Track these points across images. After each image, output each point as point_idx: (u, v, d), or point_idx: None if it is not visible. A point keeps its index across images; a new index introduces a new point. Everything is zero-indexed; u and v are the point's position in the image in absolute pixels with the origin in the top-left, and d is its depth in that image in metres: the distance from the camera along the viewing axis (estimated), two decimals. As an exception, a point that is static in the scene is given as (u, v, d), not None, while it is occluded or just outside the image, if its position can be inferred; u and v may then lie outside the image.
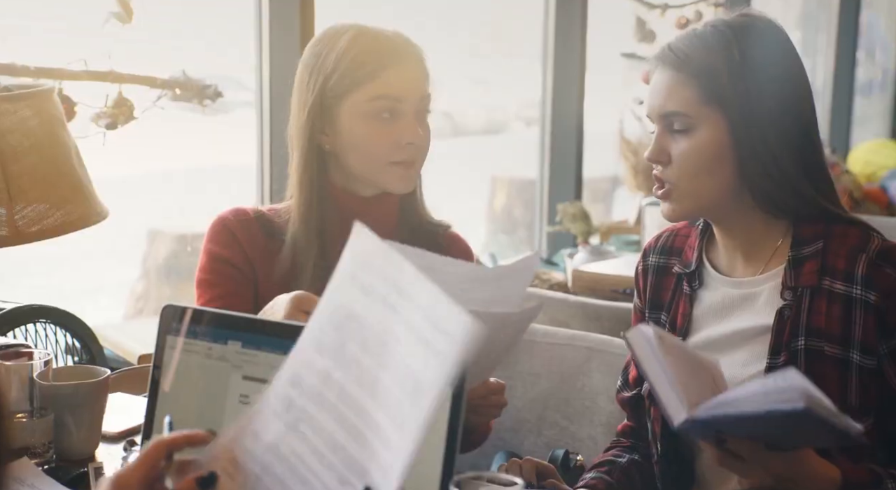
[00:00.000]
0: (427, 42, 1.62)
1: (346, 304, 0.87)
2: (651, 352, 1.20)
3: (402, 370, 0.82)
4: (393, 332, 0.83)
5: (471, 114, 9.19)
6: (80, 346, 2.11)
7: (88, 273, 5.13)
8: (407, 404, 0.81)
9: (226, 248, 1.59)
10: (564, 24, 3.69)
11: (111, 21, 2.15)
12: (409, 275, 0.84)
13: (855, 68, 6.13)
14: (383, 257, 0.86)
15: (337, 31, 1.57)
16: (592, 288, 2.84)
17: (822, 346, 1.33)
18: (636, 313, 1.56)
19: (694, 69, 1.35)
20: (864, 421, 1.32)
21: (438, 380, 0.79)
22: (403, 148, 1.55)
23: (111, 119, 2.17)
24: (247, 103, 2.77)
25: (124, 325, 3.39)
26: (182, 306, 1.20)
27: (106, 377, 1.50)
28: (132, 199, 5.12)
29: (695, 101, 1.35)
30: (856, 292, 1.33)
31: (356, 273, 0.88)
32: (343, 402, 0.86)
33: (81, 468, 1.42)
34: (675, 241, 1.52)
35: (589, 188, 4.60)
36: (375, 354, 0.84)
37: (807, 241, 1.38)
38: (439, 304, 0.80)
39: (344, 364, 0.86)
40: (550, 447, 1.77)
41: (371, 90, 1.53)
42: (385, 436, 0.82)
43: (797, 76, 1.39)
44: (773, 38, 1.39)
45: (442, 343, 0.79)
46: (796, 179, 1.35)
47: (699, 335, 1.44)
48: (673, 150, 1.37)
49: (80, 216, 1.81)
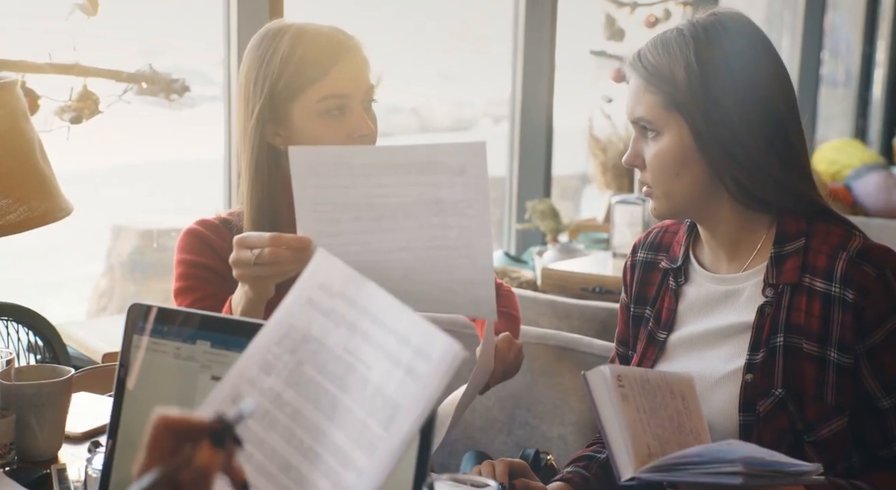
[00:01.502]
0: (394, 38, 1.63)
1: (301, 327, 0.88)
2: (608, 396, 1.24)
3: (371, 395, 0.82)
4: (361, 357, 0.84)
5: (438, 110, 9.18)
6: (42, 345, 2.07)
7: (52, 269, 5.06)
8: (377, 428, 0.80)
9: (200, 255, 1.61)
10: (534, 22, 3.69)
11: (76, 13, 2.11)
12: (383, 301, 0.84)
13: (820, 68, 6.19)
14: (352, 284, 0.87)
15: (276, 33, 1.59)
16: (562, 286, 2.84)
17: (801, 343, 1.34)
18: (622, 309, 1.57)
19: (655, 77, 1.38)
20: (838, 419, 1.33)
21: (419, 403, 0.79)
22: (356, 140, 1.59)
23: (76, 113, 2.13)
24: (213, 98, 2.75)
25: (88, 323, 3.34)
26: (149, 305, 1.18)
27: (69, 377, 1.48)
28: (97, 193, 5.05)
29: (658, 106, 1.37)
30: (834, 290, 1.33)
31: (314, 297, 0.88)
32: (296, 422, 0.85)
33: (44, 470, 1.40)
34: (663, 238, 1.54)
35: (558, 186, 4.60)
36: (335, 377, 0.84)
37: (789, 237, 1.39)
38: (418, 328, 0.81)
39: (297, 385, 0.86)
40: (521, 446, 1.76)
41: (319, 91, 1.56)
42: (345, 457, 0.82)
43: (766, 69, 1.39)
44: (739, 36, 1.39)
45: (422, 366, 0.80)
46: (773, 170, 1.36)
47: (682, 330, 1.46)
48: (646, 153, 1.40)
49: (44, 212, 1.77)
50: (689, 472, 1.16)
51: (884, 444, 1.34)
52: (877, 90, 7.27)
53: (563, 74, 3.81)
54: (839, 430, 1.33)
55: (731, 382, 1.37)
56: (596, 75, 4.05)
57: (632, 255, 1.57)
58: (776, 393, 1.33)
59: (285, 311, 0.90)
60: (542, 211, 3.43)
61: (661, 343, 1.47)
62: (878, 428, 1.34)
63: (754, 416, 1.34)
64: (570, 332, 2.01)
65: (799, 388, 1.33)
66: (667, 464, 1.18)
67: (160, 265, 3.59)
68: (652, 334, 1.48)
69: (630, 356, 1.54)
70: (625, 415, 1.23)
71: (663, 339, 1.47)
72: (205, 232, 1.63)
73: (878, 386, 1.33)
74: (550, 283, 2.88)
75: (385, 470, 0.80)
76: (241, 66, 1.63)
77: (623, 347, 1.57)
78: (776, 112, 1.37)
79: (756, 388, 1.34)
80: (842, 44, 7.03)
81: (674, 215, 1.46)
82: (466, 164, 1.19)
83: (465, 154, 1.19)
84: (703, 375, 1.39)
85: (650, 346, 1.48)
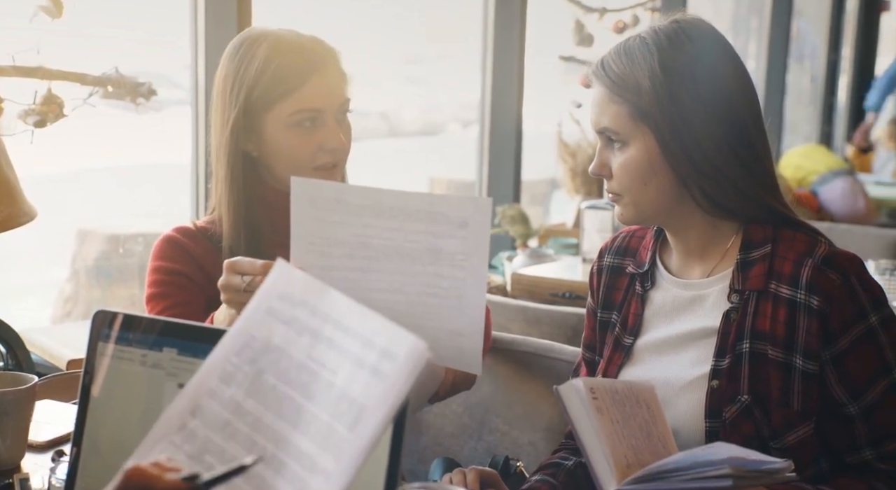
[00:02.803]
0: (364, 43, 1.63)
1: (261, 337, 0.89)
2: (584, 410, 1.24)
3: (336, 398, 0.82)
4: (326, 363, 0.84)
5: (407, 115, 9.18)
6: (5, 351, 2.04)
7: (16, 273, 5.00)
8: (342, 430, 0.81)
9: (176, 262, 1.60)
10: (503, 26, 3.69)
11: (39, 16, 2.08)
12: (346, 307, 0.85)
13: (786, 74, 6.25)
14: (314, 292, 0.88)
15: (254, 41, 1.58)
16: (531, 291, 2.84)
17: (766, 350, 1.34)
18: (588, 314, 1.57)
19: (619, 88, 1.37)
20: (804, 426, 1.33)
21: (385, 402, 0.80)
22: (327, 153, 1.59)
23: (40, 116, 2.10)
24: (180, 101, 2.72)
25: (52, 329, 3.30)
26: (114, 311, 1.17)
27: (33, 384, 1.45)
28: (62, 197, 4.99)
29: (624, 117, 1.37)
30: (800, 297, 1.33)
31: (274, 307, 0.89)
32: (257, 431, 0.85)
33: (6, 479, 1.37)
34: (630, 242, 1.54)
35: (528, 190, 4.61)
36: (299, 384, 0.85)
37: (755, 244, 1.38)
38: (383, 330, 0.82)
39: (258, 394, 0.86)
40: (491, 453, 1.75)
41: (292, 104, 1.56)
42: (311, 462, 0.82)
43: (730, 77, 1.39)
44: (702, 43, 1.38)
45: (388, 366, 0.80)
46: (737, 178, 1.36)
47: (648, 335, 1.45)
48: (612, 163, 1.39)
49: (7, 217, 1.75)
50: (676, 478, 1.15)
51: (851, 450, 1.35)
52: (842, 96, 7.36)
53: (533, 79, 3.82)
54: (805, 437, 1.33)
55: (696, 388, 1.37)
56: (565, 80, 4.06)
57: (598, 260, 1.56)
58: (742, 399, 1.34)
59: (245, 322, 0.90)
60: (511, 216, 3.43)
61: (627, 348, 1.46)
62: (846, 434, 1.34)
63: (720, 423, 1.34)
64: (541, 337, 2.00)
65: (764, 394, 1.33)
66: (650, 473, 1.18)
67: (126, 270, 3.56)
68: (618, 339, 1.48)
69: (596, 361, 1.54)
70: (602, 428, 1.23)
71: (630, 344, 1.46)
72: (182, 239, 1.62)
73: (844, 392, 1.33)
74: (520, 288, 2.88)
75: (352, 471, 0.80)
76: (218, 72, 1.62)
77: (589, 353, 1.56)
78: (740, 120, 1.37)
79: (722, 394, 1.34)
80: (807, 50, 7.11)
81: (641, 222, 1.45)
82: (469, 218, 1.19)
83: (469, 208, 1.19)
84: (669, 381, 1.39)
85: (616, 351, 1.48)
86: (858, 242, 2.92)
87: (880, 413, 1.33)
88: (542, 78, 4.25)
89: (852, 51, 7.49)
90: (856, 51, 7.52)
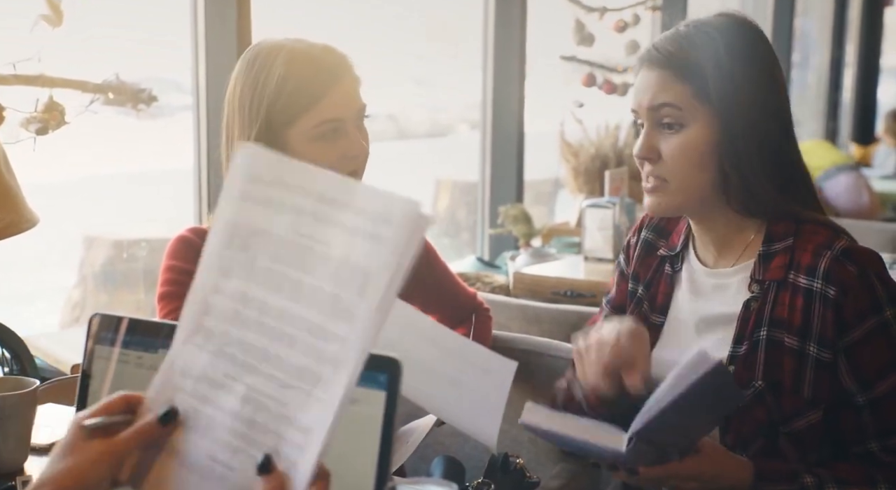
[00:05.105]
0: (371, 44, 1.64)
1: (245, 223, 0.88)
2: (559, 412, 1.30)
3: (335, 269, 0.83)
4: (316, 236, 0.84)
5: (415, 117, 9.18)
6: (10, 357, 2.06)
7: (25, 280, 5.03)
8: (350, 297, 0.82)
9: (189, 262, 1.61)
10: (504, 27, 3.70)
11: (40, 24, 2.09)
12: (327, 179, 0.85)
13: (790, 71, 6.24)
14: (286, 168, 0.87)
15: (269, 55, 1.59)
16: (533, 290, 2.85)
17: (783, 337, 1.36)
18: (621, 276, 1.59)
19: (682, 68, 1.37)
20: (813, 412, 1.36)
21: (389, 265, 0.80)
22: (349, 160, 1.61)
23: (42, 124, 2.12)
24: (189, 107, 2.73)
25: (60, 334, 3.32)
26: (110, 315, 1.18)
27: (34, 388, 1.47)
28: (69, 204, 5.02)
29: (687, 95, 1.37)
30: (817, 286, 1.35)
31: (247, 190, 0.88)
32: (265, 313, 0.87)
33: (9, 482, 1.39)
34: (667, 224, 1.56)
35: (532, 190, 4.62)
36: (292, 261, 0.85)
37: (778, 237, 1.41)
38: (373, 197, 0.82)
39: (258, 279, 0.87)
40: (491, 450, 1.76)
41: (315, 116, 1.57)
42: (322, 332, 0.83)
43: (776, 76, 1.42)
44: (755, 39, 1.41)
45: (385, 230, 0.81)
46: (771, 185, 1.38)
47: (673, 316, 1.49)
48: (663, 146, 1.39)
49: (9, 224, 1.77)
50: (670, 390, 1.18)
51: (858, 441, 1.37)
52: (847, 92, 7.34)
53: (534, 79, 3.83)
54: (813, 424, 1.36)
55: None
56: (567, 80, 4.07)
57: (637, 233, 1.59)
58: (756, 385, 1.36)
59: (222, 215, 0.89)
60: (514, 216, 3.44)
61: (658, 326, 1.49)
62: (854, 424, 1.36)
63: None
64: (540, 335, 2.01)
65: (778, 381, 1.36)
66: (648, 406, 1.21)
67: (131, 275, 3.58)
68: (648, 317, 1.51)
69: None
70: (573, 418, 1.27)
71: (661, 323, 1.50)
72: (196, 240, 1.63)
73: (854, 382, 1.35)
74: (522, 287, 2.89)
75: (368, 335, 0.81)
76: (232, 86, 1.62)
77: (616, 313, 1.57)
78: (782, 117, 1.41)
79: (737, 379, 1.36)
80: (811, 47, 7.09)
81: (677, 212, 1.46)
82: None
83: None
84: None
85: (647, 328, 1.48)
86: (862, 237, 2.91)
87: (889, 406, 1.35)
88: (544, 78, 4.26)
89: (856, 46, 7.47)
90: (860, 46, 7.50)
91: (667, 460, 1.26)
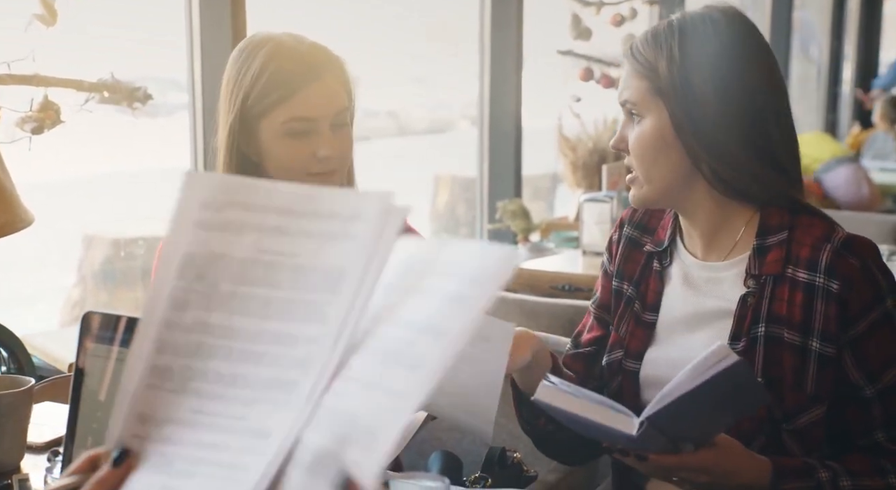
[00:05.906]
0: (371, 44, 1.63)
1: (201, 252, 0.84)
2: (569, 391, 1.25)
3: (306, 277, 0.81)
4: (279, 250, 0.82)
5: (416, 113, 9.18)
6: (7, 356, 2.06)
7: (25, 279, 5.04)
8: (324, 298, 0.80)
9: None
10: (500, 22, 3.69)
11: (34, 24, 2.09)
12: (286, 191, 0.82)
13: (789, 64, 6.23)
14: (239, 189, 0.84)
15: (256, 46, 1.59)
16: (531, 285, 2.85)
17: (782, 333, 1.36)
18: (605, 276, 1.58)
19: (640, 65, 1.41)
20: (817, 408, 1.35)
21: (366, 260, 0.79)
22: (320, 160, 1.59)
23: (37, 123, 2.12)
24: (186, 105, 2.73)
25: (59, 333, 3.32)
26: (101, 312, 1.19)
27: (30, 387, 1.47)
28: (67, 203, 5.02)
29: (643, 91, 1.41)
30: (819, 281, 1.35)
31: (201, 218, 0.84)
32: (230, 338, 0.83)
33: (6, 480, 1.39)
34: (650, 221, 1.55)
35: (531, 185, 4.62)
36: (257, 279, 0.82)
37: (772, 229, 1.40)
38: (341, 200, 0.80)
39: (221, 305, 0.83)
40: (488, 444, 1.76)
41: (284, 113, 1.56)
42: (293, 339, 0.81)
43: (751, 64, 1.41)
44: (727, 29, 1.41)
45: (358, 228, 0.79)
46: (752, 164, 1.38)
47: (666, 313, 1.48)
48: (630, 137, 1.43)
49: (4, 223, 1.77)
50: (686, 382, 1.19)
51: (865, 433, 1.36)
52: (846, 85, 7.34)
53: (531, 74, 3.82)
54: (817, 419, 1.35)
55: None
56: (564, 75, 4.06)
57: (618, 230, 1.58)
58: None
59: (173, 244, 0.85)
60: (512, 211, 3.44)
61: (650, 325, 1.48)
62: (861, 417, 1.36)
63: None
64: (538, 330, 2.00)
65: (778, 377, 1.35)
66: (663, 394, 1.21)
67: (130, 274, 3.58)
68: (639, 316, 1.50)
69: (608, 322, 1.55)
70: (586, 396, 1.25)
71: (653, 320, 1.48)
72: None
73: (861, 375, 1.34)
74: (521, 282, 2.89)
75: (345, 327, 0.79)
76: (224, 75, 1.63)
77: (602, 313, 1.57)
78: (758, 108, 1.39)
79: None
80: (810, 40, 7.08)
81: (654, 203, 1.47)
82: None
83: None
84: (684, 361, 1.40)
85: (639, 327, 1.49)
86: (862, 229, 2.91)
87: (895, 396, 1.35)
88: (541, 73, 4.25)
89: (855, 39, 7.47)
90: (859, 39, 7.49)
91: (679, 450, 1.25)
